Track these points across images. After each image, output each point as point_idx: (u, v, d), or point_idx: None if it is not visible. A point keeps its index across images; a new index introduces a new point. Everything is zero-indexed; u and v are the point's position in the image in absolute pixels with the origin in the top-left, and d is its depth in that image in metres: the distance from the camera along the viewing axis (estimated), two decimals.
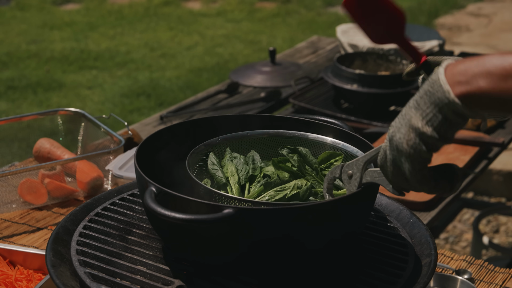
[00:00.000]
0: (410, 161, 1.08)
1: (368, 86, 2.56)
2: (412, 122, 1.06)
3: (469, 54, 3.35)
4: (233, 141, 1.47)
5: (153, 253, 1.30)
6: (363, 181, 1.22)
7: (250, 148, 1.47)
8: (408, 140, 1.07)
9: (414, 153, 1.07)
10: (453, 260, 1.71)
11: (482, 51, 3.23)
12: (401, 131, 1.08)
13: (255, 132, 1.48)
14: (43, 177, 1.93)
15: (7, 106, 5.17)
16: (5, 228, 1.85)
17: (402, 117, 1.09)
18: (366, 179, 1.21)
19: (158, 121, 2.58)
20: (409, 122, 1.07)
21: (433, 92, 1.05)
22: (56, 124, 2.24)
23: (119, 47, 6.48)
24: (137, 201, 1.47)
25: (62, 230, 1.36)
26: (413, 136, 1.07)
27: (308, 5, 7.79)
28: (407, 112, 1.08)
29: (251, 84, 2.94)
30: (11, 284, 1.52)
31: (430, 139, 1.06)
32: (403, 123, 1.08)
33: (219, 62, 6.04)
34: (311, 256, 1.22)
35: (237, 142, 1.47)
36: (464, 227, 3.83)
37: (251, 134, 1.48)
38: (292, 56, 3.35)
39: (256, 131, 1.48)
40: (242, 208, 1.13)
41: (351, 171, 1.23)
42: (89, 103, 5.26)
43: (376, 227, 1.40)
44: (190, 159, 1.35)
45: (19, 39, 6.62)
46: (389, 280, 1.23)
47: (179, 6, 7.85)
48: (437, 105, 1.04)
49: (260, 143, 1.48)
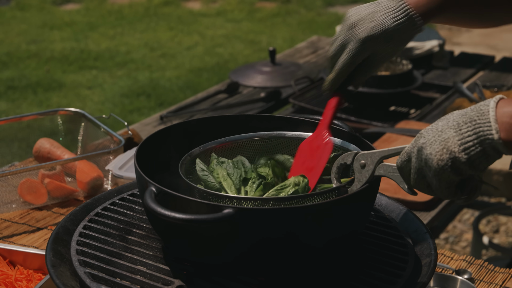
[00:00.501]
0: (438, 178, 1.09)
1: (368, 86, 2.56)
2: (449, 144, 1.06)
3: (469, 54, 3.35)
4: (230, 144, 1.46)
5: (153, 253, 1.30)
6: (375, 174, 1.22)
7: (243, 150, 1.46)
8: (440, 160, 1.07)
9: (443, 173, 1.08)
10: (453, 260, 1.71)
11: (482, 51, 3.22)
12: (434, 147, 1.08)
13: (255, 134, 1.48)
14: (43, 177, 1.93)
15: (7, 106, 5.17)
16: (5, 228, 1.85)
17: (437, 133, 1.08)
18: (379, 172, 1.21)
19: (158, 121, 2.58)
20: (446, 143, 1.06)
21: (480, 124, 1.04)
22: (56, 124, 2.24)
23: (119, 47, 6.48)
24: (137, 201, 1.47)
25: (62, 230, 1.36)
26: (446, 158, 1.07)
27: (308, 5, 7.79)
28: (444, 130, 1.08)
29: (251, 84, 2.94)
30: (11, 284, 1.52)
31: (462, 165, 1.06)
32: (438, 139, 1.08)
33: (219, 62, 6.04)
34: (311, 256, 1.22)
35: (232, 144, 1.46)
36: (464, 227, 3.83)
37: (245, 138, 1.47)
38: (292, 56, 3.35)
39: (256, 133, 1.48)
40: (242, 208, 1.13)
41: (364, 161, 1.23)
42: (89, 103, 5.26)
43: (376, 227, 1.40)
44: (182, 169, 1.34)
45: (19, 39, 6.62)
46: (389, 280, 1.23)
47: (179, 6, 7.85)
48: (480, 137, 1.04)
49: (259, 144, 1.47)
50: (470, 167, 1.06)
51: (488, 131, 1.03)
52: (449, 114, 1.11)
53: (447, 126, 1.08)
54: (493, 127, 1.03)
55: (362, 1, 7.79)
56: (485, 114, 1.04)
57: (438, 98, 2.74)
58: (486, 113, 1.04)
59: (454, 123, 1.07)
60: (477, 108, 1.06)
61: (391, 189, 1.93)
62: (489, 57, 3.30)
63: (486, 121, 1.04)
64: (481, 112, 1.05)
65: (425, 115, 2.58)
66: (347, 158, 1.26)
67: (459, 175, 1.08)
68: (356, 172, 1.24)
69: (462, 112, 1.08)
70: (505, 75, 3.02)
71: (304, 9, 7.68)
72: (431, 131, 1.10)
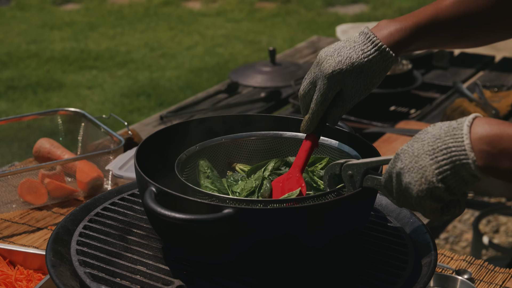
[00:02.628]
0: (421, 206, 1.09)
1: None
2: (426, 173, 1.06)
3: (469, 54, 3.35)
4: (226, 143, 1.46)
5: (153, 253, 1.30)
6: (363, 185, 1.22)
7: (237, 151, 1.46)
8: (419, 191, 1.07)
9: (424, 202, 1.08)
10: (453, 260, 1.71)
11: (482, 51, 3.22)
12: (412, 175, 1.07)
13: (253, 133, 1.48)
14: (43, 177, 1.93)
15: (7, 106, 5.17)
16: (5, 228, 1.85)
17: (414, 158, 1.07)
18: (367, 183, 1.21)
19: (158, 121, 2.58)
20: (423, 172, 1.06)
21: (455, 152, 1.03)
22: (56, 124, 2.24)
23: (119, 47, 6.48)
24: (137, 201, 1.47)
25: (62, 230, 1.36)
26: (424, 188, 1.06)
27: (308, 5, 7.79)
28: (420, 156, 1.07)
29: (251, 84, 2.94)
30: (11, 284, 1.52)
31: (442, 193, 1.06)
32: (415, 166, 1.07)
33: (219, 62, 6.04)
34: (311, 256, 1.22)
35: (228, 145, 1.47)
36: (464, 227, 3.83)
37: (242, 137, 1.47)
38: (292, 56, 3.35)
39: (252, 133, 1.48)
40: (242, 208, 1.13)
41: (351, 172, 1.23)
42: (89, 103, 5.26)
43: (376, 227, 1.40)
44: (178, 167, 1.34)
45: (19, 39, 6.62)
46: (389, 280, 1.23)
47: (179, 6, 7.85)
48: (456, 166, 1.03)
49: (258, 144, 1.48)
50: (450, 193, 1.06)
51: (465, 159, 1.02)
52: (423, 133, 1.10)
53: (422, 151, 1.07)
54: (470, 157, 1.02)
55: (363, 1, 7.79)
56: (459, 140, 1.03)
57: (438, 98, 2.74)
58: (461, 139, 1.03)
59: (430, 148, 1.06)
60: (451, 132, 1.05)
61: None
62: (489, 57, 3.30)
63: (461, 149, 1.03)
64: (455, 138, 1.04)
65: (425, 115, 2.58)
66: (335, 168, 1.25)
67: (440, 202, 1.08)
68: (346, 182, 1.24)
69: (436, 135, 1.06)
70: (505, 75, 3.02)
71: (304, 9, 7.68)
72: (407, 155, 1.09)
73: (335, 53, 1.30)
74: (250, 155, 1.47)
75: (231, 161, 1.47)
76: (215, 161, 1.44)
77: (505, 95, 2.65)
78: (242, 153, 1.47)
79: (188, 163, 1.38)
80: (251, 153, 1.47)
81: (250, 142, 1.47)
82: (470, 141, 1.02)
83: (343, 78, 1.30)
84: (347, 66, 1.29)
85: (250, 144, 1.47)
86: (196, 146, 1.41)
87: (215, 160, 1.44)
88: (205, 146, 1.43)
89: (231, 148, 1.46)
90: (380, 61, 1.30)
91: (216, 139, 1.45)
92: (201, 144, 1.42)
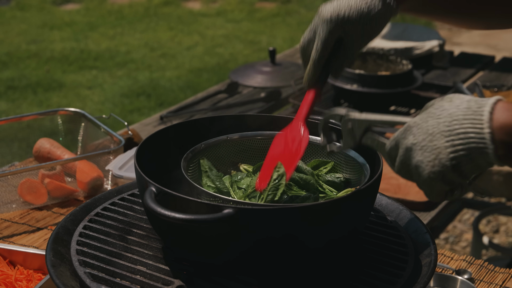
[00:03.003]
0: (428, 187, 1.08)
1: (368, 86, 2.56)
2: (441, 155, 1.03)
3: (469, 54, 3.35)
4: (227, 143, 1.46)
5: (153, 253, 1.30)
6: (363, 142, 1.18)
7: (240, 151, 1.46)
8: (432, 172, 1.05)
9: (434, 184, 1.06)
10: (453, 260, 1.71)
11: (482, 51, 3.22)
12: (426, 155, 1.05)
13: (251, 133, 1.48)
14: (43, 177, 1.93)
15: (7, 106, 5.17)
16: (5, 228, 1.85)
17: (429, 137, 1.05)
18: (366, 141, 1.17)
19: (158, 121, 2.58)
20: (438, 153, 1.03)
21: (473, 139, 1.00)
22: (56, 124, 2.24)
23: (119, 47, 6.48)
24: (137, 201, 1.47)
25: (62, 230, 1.36)
26: (437, 170, 1.04)
27: (308, 5, 7.79)
28: (435, 135, 1.04)
29: (251, 84, 2.94)
30: (11, 284, 1.52)
31: (454, 177, 1.04)
32: (429, 146, 1.04)
33: (219, 62, 6.04)
34: (311, 255, 1.22)
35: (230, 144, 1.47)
36: (464, 227, 3.83)
37: (246, 137, 1.47)
38: (292, 56, 3.35)
39: (253, 132, 1.48)
40: (242, 208, 1.13)
41: (352, 126, 1.19)
42: (89, 103, 5.26)
43: (376, 227, 1.40)
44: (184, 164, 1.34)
45: (19, 39, 6.63)
46: (389, 280, 1.23)
47: (179, 6, 7.86)
48: (473, 152, 1.01)
49: (264, 143, 1.48)
50: (462, 177, 1.05)
51: (484, 148, 0.99)
52: (439, 108, 1.06)
53: (438, 130, 1.04)
54: (489, 147, 0.99)
55: None
56: (478, 127, 1.00)
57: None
58: (480, 125, 1.00)
59: (446, 128, 1.03)
60: (469, 116, 1.01)
61: (391, 189, 1.93)
62: (489, 57, 3.30)
63: (480, 136, 0.99)
64: (474, 123, 1.00)
65: None
66: (335, 118, 1.20)
67: (449, 185, 1.06)
68: (344, 134, 1.20)
69: (453, 114, 1.03)
70: (505, 75, 3.02)
71: (304, 9, 7.68)
72: (421, 130, 1.06)
73: (334, 1, 1.30)
74: (255, 154, 1.47)
75: (236, 160, 1.47)
76: (220, 160, 1.44)
77: (505, 95, 2.65)
78: (247, 152, 1.47)
79: (192, 162, 1.38)
80: (255, 152, 1.47)
81: (256, 141, 1.47)
82: (491, 130, 0.99)
83: (343, 23, 1.29)
84: (345, 10, 1.28)
85: (255, 143, 1.47)
86: (202, 144, 1.41)
87: (219, 159, 1.44)
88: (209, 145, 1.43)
89: (236, 147, 1.46)
90: (381, 10, 1.29)
91: (221, 137, 1.45)
92: (205, 143, 1.42)
